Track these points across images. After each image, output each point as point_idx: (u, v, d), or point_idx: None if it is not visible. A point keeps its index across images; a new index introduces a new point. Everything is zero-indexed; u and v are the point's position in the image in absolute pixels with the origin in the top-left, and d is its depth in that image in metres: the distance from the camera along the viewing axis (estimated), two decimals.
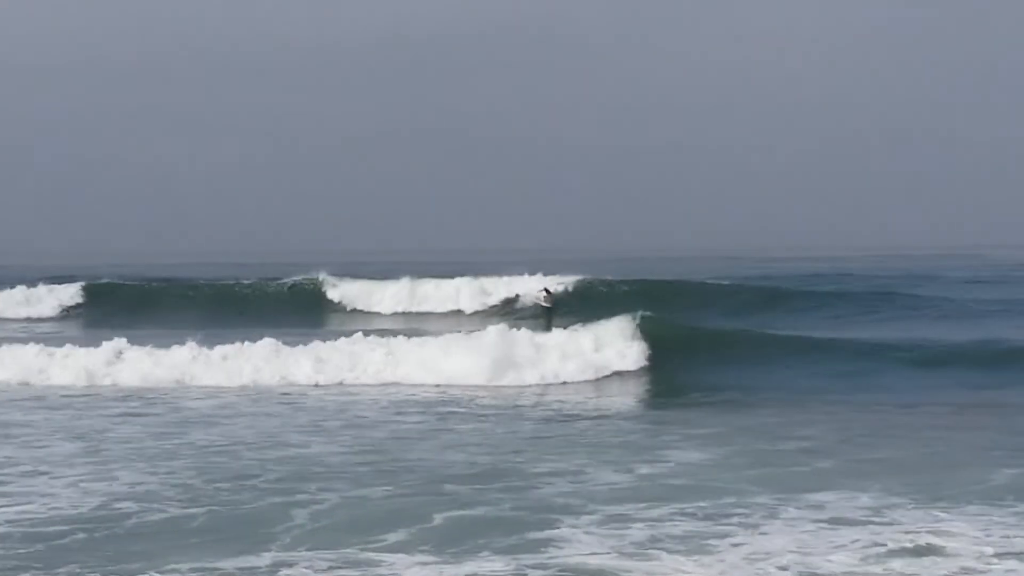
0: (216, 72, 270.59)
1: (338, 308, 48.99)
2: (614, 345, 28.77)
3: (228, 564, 12.01)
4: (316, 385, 27.15)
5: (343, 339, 29.28)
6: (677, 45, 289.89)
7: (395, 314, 47.69)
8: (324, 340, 29.23)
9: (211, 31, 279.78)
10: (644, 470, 16.63)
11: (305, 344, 28.89)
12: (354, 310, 48.73)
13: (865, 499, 14.63)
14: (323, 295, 50.04)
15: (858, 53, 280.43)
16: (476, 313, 46.60)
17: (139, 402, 24.52)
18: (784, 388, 26.01)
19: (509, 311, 44.10)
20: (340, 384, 27.29)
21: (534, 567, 11.84)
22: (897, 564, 11.85)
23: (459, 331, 30.65)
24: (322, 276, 50.87)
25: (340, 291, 50.19)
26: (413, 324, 41.42)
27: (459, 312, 47.37)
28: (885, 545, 12.47)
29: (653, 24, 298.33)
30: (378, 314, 47.85)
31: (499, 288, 48.47)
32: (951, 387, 25.91)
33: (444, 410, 23.26)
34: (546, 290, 43.47)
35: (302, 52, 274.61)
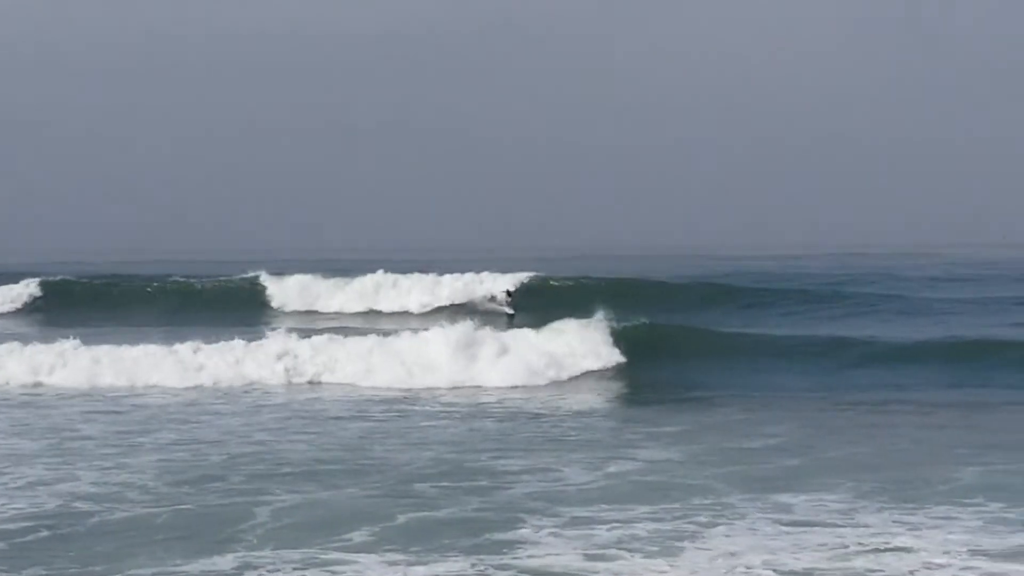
0: (189, 70, 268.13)
1: (282, 306, 47.49)
2: (579, 344, 28.68)
3: (193, 564, 11.93)
4: (279, 384, 27.02)
5: (306, 337, 29.11)
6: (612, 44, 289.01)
7: (341, 313, 46.03)
8: (283, 338, 29.04)
9: (177, 28, 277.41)
10: (611, 469, 16.60)
11: (264, 342, 28.75)
12: (296, 310, 46.86)
13: (832, 498, 14.64)
14: (264, 293, 48.83)
15: (822, 54, 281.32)
16: (433, 311, 45.14)
17: (101, 401, 24.37)
18: (749, 386, 26.06)
19: (463, 310, 43.24)
20: (303, 383, 27.18)
21: (499, 568, 11.79)
22: (863, 562, 11.84)
23: (416, 329, 30.53)
24: (262, 275, 49.59)
25: (283, 289, 48.45)
26: (362, 322, 40.84)
27: (408, 312, 45.52)
28: (852, 544, 12.47)
29: (593, 18, 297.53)
30: (324, 313, 46.25)
31: (454, 286, 46.69)
32: (914, 384, 25.98)
33: (409, 408, 23.22)
34: (507, 292, 42.93)
35: (285, 46, 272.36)
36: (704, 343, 30.41)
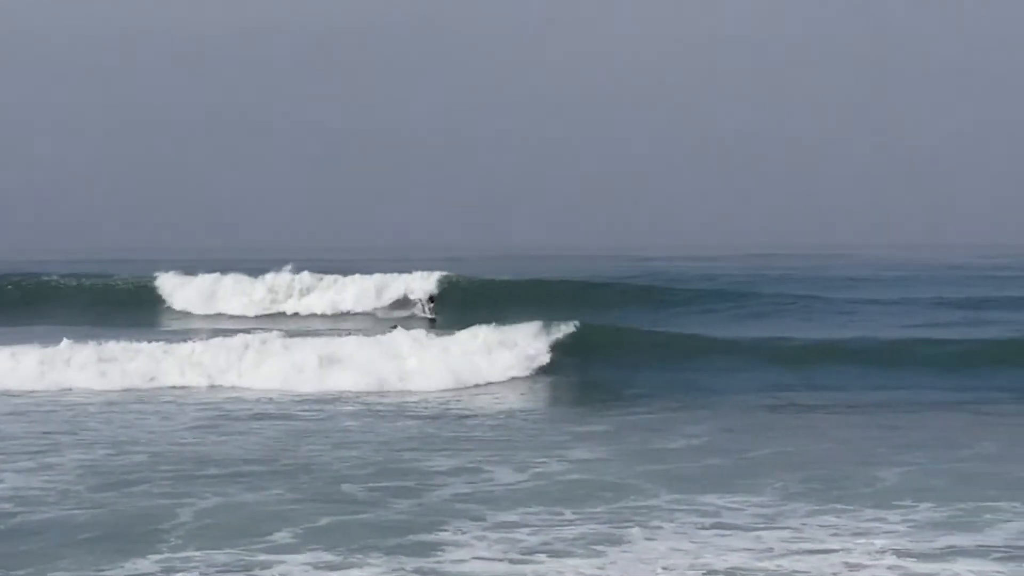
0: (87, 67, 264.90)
1: (186, 307, 46.09)
2: (502, 345, 28.65)
3: (117, 567, 11.82)
4: (199, 386, 26.80)
5: (223, 337, 28.91)
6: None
7: (246, 316, 43.76)
8: (201, 339, 28.86)
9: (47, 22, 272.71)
10: (538, 470, 16.61)
11: (182, 343, 28.53)
12: (198, 312, 45.11)
13: (759, 499, 14.72)
14: (166, 293, 47.54)
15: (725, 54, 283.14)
16: (346, 313, 44.50)
17: (22, 400, 24.15)
18: (673, 386, 26.07)
19: (381, 311, 42.74)
20: (224, 384, 26.94)
21: (422, 572, 11.75)
22: (789, 563, 11.90)
23: (337, 331, 30.45)
24: (161, 275, 48.32)
25: (186, 289, 46.49)
26: (269, 323, 39.89)
27: (317, 314, 43.84)
28: (778, 546, 12.53)
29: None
30: (230, 315, 44.33)
31: (364, 286, 44.58)
32: (835, 384, 26.24)
33: (333, 410, 23.11)
34: (430, 297, 42.33)
35: (196, 41, 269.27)
36: (630, 343, 30.46)
